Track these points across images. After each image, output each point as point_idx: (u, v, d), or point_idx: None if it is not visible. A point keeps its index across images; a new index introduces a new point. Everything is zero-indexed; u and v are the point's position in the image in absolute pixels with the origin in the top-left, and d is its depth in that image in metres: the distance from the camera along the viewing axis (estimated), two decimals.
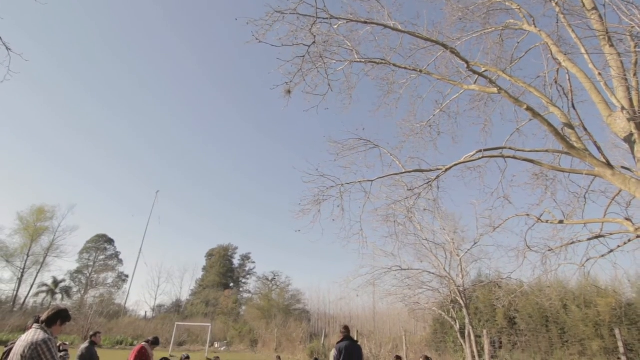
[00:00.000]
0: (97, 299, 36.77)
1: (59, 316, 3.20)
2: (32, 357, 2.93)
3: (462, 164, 7.43)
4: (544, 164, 7.03)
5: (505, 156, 7.06)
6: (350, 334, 6.41)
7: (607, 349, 13.05)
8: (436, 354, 15.76)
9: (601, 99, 6.28)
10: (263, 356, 20.42)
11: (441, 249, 15.04)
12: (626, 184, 5.71)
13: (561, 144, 6.24)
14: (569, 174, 7.84)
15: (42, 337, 3.00)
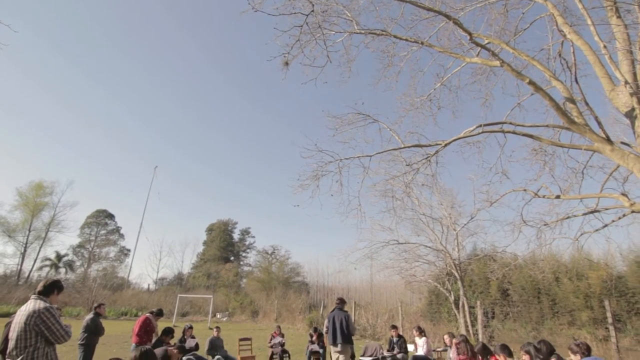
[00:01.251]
0: (100, 273, 37.50)
1: (55, 286, 3.28)
2: (36, 325, 3.00)
3: (462, 139, 7.39)
4: (544, 139, 7.00)
5: (505, 131, 7.01)
6: (341, 304, 6.75)
7: (596, 319, 13.53)
8: (431, 324, 16.32)
9: (604, 73, 6.17)
10: (264, 326, 21.13)
11: (438, 223, 15.27)
12: (624, 159, 5.71)
13: (562, 119, 6.18)
14: (568, 149, 7.84)
15: (44, 306, 3.08)
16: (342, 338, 6.30)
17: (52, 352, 3.17)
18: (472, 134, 7.10)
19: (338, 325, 6.36)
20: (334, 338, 6.36)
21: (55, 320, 3.09)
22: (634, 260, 14.89)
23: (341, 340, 6.30)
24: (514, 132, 6.88)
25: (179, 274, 45.09)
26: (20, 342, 3.02)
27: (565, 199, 7.64)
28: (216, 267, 43.14)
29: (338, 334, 6.32)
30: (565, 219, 7.85)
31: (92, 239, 43.77)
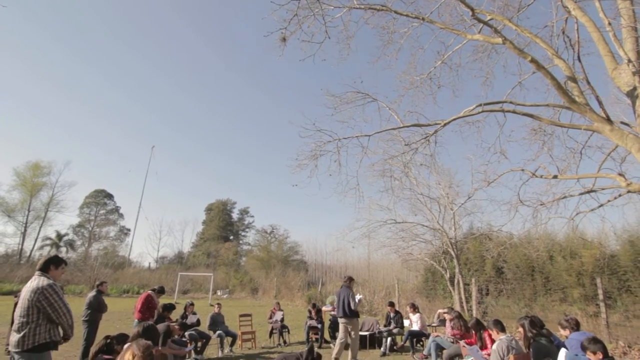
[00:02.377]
0: (101, 252, 37.96)
1: (50, 262, 3.31)
2: (39, 301, 3.05)
3: (461, 119, 7.34)
4: (544, 118, 6.96)
5: (505, 110, 6.96)
6: (348, 282, 7.18)
7: (587, 296, 13.87)
8: (426, 300, 16.71)
9: (608, 51, 6.07)
10: (263, 302, 21.63)
11: (436, 203, 15.38)
12: (623, 139, 5.70)
13: (563, 98, 6.12)
14: (567, 129, 7.80)
15: (47, 283, 3.12)
16: (344, 312, 6.77)
17: (54, 328, 3.20)
18: (471, 114, 7.05)
19: (342, 301, 6.86)
20: (338, 312, 6.93)
21: (57, 298, 3.12)
22: (627, 240, 15.12)
23: (341, 314, 6.79)
24: (514, 111, 6.83)
25: (179, 253, 45.72)
26: (23, 317, 3.07)
27: (563, 179, 7.68)
28: (216, 246, 43.69)
29: (341, 309, 6.82)
30: (561, 199, 7.92)
31: (91, 219, 44.06)
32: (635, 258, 14.37)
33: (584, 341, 3.37)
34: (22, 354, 3.02)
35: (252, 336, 8.58)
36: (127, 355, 1.82)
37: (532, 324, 4.23)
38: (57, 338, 3.23)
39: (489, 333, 5.20)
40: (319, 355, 3.39)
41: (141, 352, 1.83)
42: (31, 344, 3.01)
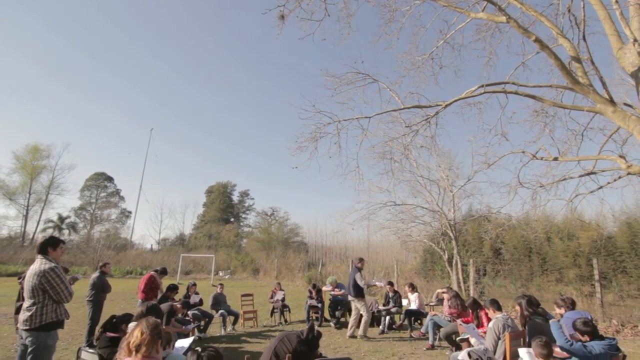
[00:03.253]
0: (103, 234, 38.32)
1: (48, 244, 3.38)
2: (41, 284, 3.15)
3: (463, 100, 7.26)
4: (546, 100, 6.88)
5: (507, 91, 6.88)
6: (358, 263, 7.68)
7: (583, 276, 14.10)
8: (424, 281, 17.01)
9: (614, 30, 5.94)
10: (264, 283, 22.01)
11: (435, 185, 15.42)
12: (626, 121, 5.66)
13: (566, 79, 6.04)
14: (569, 110, 7.74)
15: (49, 266, 3.20)
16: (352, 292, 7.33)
17: (60, 307, 3.33)
18: (473, 95, 6.97)
19: (349, 281, 7.45)
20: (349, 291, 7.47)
21: (60, 280, 3.22)
22: (624, 222, 15.26)
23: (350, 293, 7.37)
24: (516, 92, 6.75)
25: (180, 235, 46.17)
26: (30, 299, 3.21)
27: (563, 160, 7.68)
28: (217, 228, 44.07)
29: (351, 288, 7.39)
30: (561, 181, 7.94)
31: (92, 201, 44.27)
32: (632, 240, 14.54)
33: (576, 321, 3.46)
34: (30, 332, 3.15)
35: (254, 315, 8.78)
36: (135, 332, 1.87)
37: (529, 303, 4.32)
38: (63, 317, 3.35)
39: (485, 312, 5.31)
40: (319, 333, 3.47)
41: (149, 330, 1.88)
42: (38, 323, 3.15)
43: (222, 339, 7.19)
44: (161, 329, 1.98)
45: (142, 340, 1.82)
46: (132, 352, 1.80)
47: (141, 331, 1.86)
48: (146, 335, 1.84)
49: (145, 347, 1.81)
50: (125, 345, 1.84)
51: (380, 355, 6.09)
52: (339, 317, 8.70)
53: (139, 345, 1.80)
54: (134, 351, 1.80)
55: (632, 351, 6.29)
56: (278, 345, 3.21)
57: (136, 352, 1.79)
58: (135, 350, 1.80)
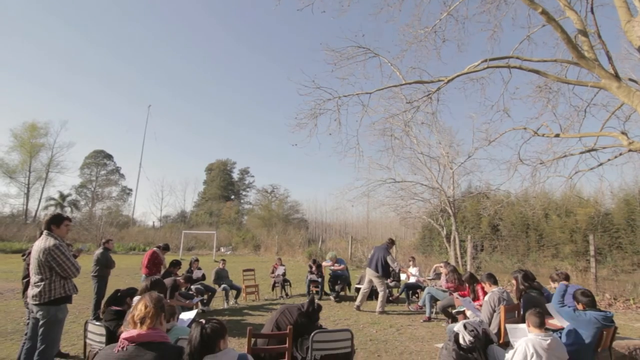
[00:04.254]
0: (105, 211, 38.63)
1: (52, 222, 3.42)
2: (47, 261, 3.22)
3: (465, 75, 7.12)
4: (550, 75, 6.75)
5: (511, 66, 6.73)
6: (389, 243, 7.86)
7: (578, 252, 14.34)
8: (422, 256, 17.30)
9: (623, 2, 5.74)
10: (265, 258, 22.42)
11: (435, 162, 15.39)
12: (630, 97, 5.58)
13: (572, 53, 5.90)
14: (573, 86, 7.61)
15: (53, 243, 3.26)
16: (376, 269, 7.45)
17: (68, 283, 3.40)
18: (476, 69, 6.83)
19: (377, 259, 7.51)
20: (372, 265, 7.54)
21: (65, 257, 3.28)
22: (623, 199, 15.34)
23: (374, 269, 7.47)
24: (520, 67, 6.61)
25: (182, 212, 46.59)
26: (37, 275, 3.28)
27: (565, 137, 7.63)
28: (217, 206, 44.42)
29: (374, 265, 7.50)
30: (561, 158, 7.92)
31: (93, 179, 44.38)
32: (629, 216, 14.68)
33: (576, 291, 3.57)
34: (40, 306, 3.25)
35: (256, 289, 8.99)
36: (139, 305, 1.92)
37: (525, 277, 4.42)
38: (71, 292, 3.44)
39: (481, 286, 5.44)
40: (319, 306, 3.57)
41: (153, 303, 1.93)
42: (47, 298, 3.24)
43: (225, 312, 7.40)
44: (164, 303, 2.04)
45: (146, 313, 1.87)
46: (137, 324, 1.85)
47: (145, 304, 1.91)
48: (150, 309, 1.89)
49: (150, 319, 1.87)
50: (130, 318, 1.89)
51: (378, 327, 6.29)
52: (338, 291, 8.91)
53: (144, 318, 1.86)
54: (138, 323, 1.85)
55: (622, 323, 6.49)
56: (280, 317, 3.31)
57: (141, 325, 1.85)
58: (140, 323, 1.85)
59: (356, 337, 4.78)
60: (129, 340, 1.80)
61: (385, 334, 5.91)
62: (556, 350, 3.06)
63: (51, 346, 3.25)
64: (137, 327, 1.86)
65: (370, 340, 5.51)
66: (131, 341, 1.80)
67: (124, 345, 1.79)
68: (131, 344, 1.79)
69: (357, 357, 4.43)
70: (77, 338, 5.17)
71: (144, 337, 1.82)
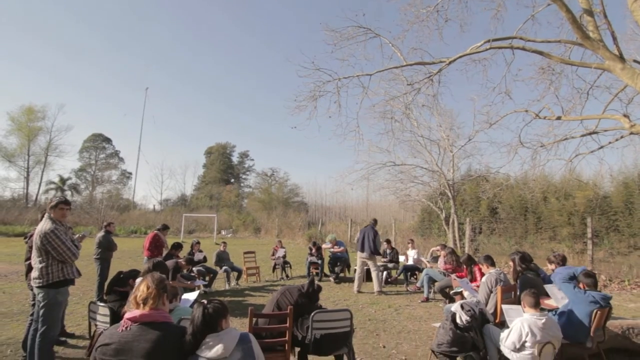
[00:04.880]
0: (105, 195, 38.74)
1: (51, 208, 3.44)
2: (43, 244, 3.26)
3: (467, 56, 7.01)
4: (554, 56, 6.64)
5: (514, 47, 6.62)
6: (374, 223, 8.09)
7: (576, 234, 14.49)
8: (421, 239, 17.47)
9: None
10: (266, 241, 22.64)
11: (436, 145, 15.33)
12: (633, 78, 5.51)
13: (576, 33, 5.79)
14: (576, 68, 7.50)
15: (49, 227, 3.28)
16: (369, 249, 7.58)
17: (67, 266, 3.41)
18: (478, 50, 6.72)
19: (367, 240, 7.65)
20: (362, 247, 7.67)
21: (60, 242, 3.27)
22: (622, 182, 15.38)
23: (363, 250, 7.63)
24: (523, 48, 6.50)
25: (182, 195, 46.70)
26: (37, 257, 3.32)
27: (566, 119, 7.57)
28: (217, 189, 44.50)
29: (366, 245, 7.62)
30: (562, 141, 7.89)
31: (92, 163, 44.29)
32: (627, 199, 14.75)
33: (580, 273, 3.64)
34: (40, 289, 3.30)
35: (257, 271, 9.13)
36: (141, 286, 1.95)
37: (523, 259, 4.47)
38: (70, 276, 3.45)
39: (479, 267, 5.52)
40: (319, 286, 3.63)
41: (155, 284, 1.95)
42: (46, 282, 3.28)
43: (227, 293, 7.53)
44: (166, 283, 2.06)
45: (148, 294, 1.90)
46: (139, 305, 1.88)
47: (147, 285, 1.94)
48: (152, 289, 1.92)
49: (152, 300, 1.89)
50: (133, 299, 1.92)
51: (377, 307, 6.42)
52: (338, 272, 9.05)
53: (146, 299, 1.89)
54: (141, 304, 1.88)
55: (617, 304, 6.61)
56: (280, 297, 3.37)
57: (144, 305, 1.88)
58: (143, 303, 1.88)
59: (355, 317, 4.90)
60: (132, 320, 1.84)
61: (384, 313, 6.03)
62: (551, 330, 3.13)
63: (52, 327, 3.30)
64: (140, 307, 1.89)
65: (369, 320, 5.64)
66: (134, 321, 1.83)
67: (127, 325, 1.83)
68: (134, 324, 1.83)
69: (356, 336, 4.54)
70: (81, 319, 5.28)
71: (147, 317, 1.85)
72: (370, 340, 4.69)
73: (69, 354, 4.07)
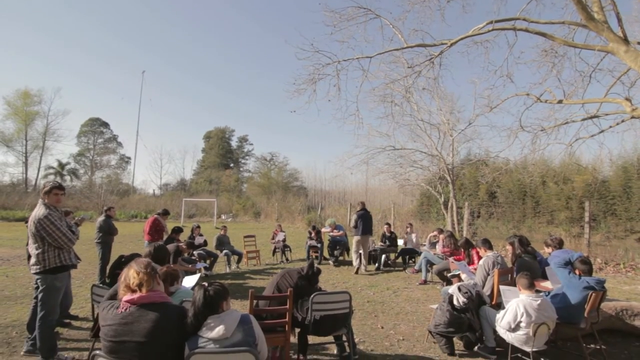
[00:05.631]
0: (105, 179, 38.73)
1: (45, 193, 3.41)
2: (37, 231, 3.25)
3: (469, 38, 6.88)
4: (557, 38, 6.53)
5: (517, 28, 6.50)
6: (365, 207, 8.39)
7: (573, 218, 14.61)
8: (420, 222, 17.60)
9: None
10: (266, 225, 22.79)
11: (436, 129, 15.25)
12: (637, 61, 5.43)
13: (580, 14, 5.67)
14: (580, 50, 7.38)
15: (43, 213, 3.26)
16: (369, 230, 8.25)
17: (64, 252, 3.39)
18: (481, 32, 6.60)
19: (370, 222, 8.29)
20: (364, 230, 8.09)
21: (54, 228, 3.24)
22: (621, 166, 15.40)
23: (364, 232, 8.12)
24: (526, 29, 6.37)
25: (181, 180, 46.73)
26: (33, 244, 3.31)
27: (568, 103, 7.50)
28: (217, 174, 44.47)
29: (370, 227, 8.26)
30: (563, 124, 7.84)
31: (90, 147, 44.06)
32: (625, 184, 14.80)
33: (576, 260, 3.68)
34: (38, 275, 3.33)
35: (257, 254, 9.22)
36: (131, 273, 1.97)
37: (521, 242, 4.52)
38: (68, 262, 3.43)
39: (476, 251, 5.58)
40: (319, 269, 3.68)
41: (143, 269, 1.98)
42: (42, 268, 3.29)
43: (227, 276, 7.63)
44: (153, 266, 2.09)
45: (140, 279, 1.94)
46: (135, 290, 1.91)
47: (136, 272, 1.96)
48: (142, 274, 1.95)
49: (146, 283, 1.94)
50: (125, 287, 1.94)
51: (375, 290, 6.53)
52: (337, 256, 9.15)
53: (140, 284, 1.92)
54: (137, 290, 1.91)
55: (611, 286, 6.73)
56: (280, 280, 3.41)
57: (139, 290, 1.91)
58: (138, 289, 1.91)
59: (354, 299, 4.98)
60: (130, 303, 1.87)
61: (382, 296, 6.13)
62: (545, 311, 3.20)
63: (50, 312, 3.32)
64: (138, 292, 1.92)
65: (368, 301, 5.74)
66: (133, 303, 1.87)
67: (125, 307, 1.86)
68: (133, 306, 1.86)
69: (355, 317, 4.63)
70: (84, 301, 5.36)
71: (145, 299, 1.89)
72: (368, 321, 4.79)
73: (73, 335, 4.15)
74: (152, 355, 1.77)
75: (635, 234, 13.53)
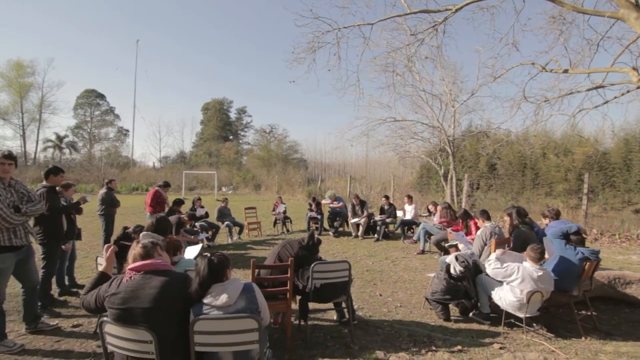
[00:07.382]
0: (104, 152, 38.62)
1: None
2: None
3: (475, 3, 6.62)
4: (566, 3, 6.28)
5: None
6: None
7: (571, 190, 14.69)
8: (419, 194, 17.71)
9: None
10: (266, 197, 22.97)
11: (437, 100, 14.99)
12: None
13: None
14: (588, 17, 7.11)
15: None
16: None
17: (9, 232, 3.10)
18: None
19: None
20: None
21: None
22: (622, 138, 15.30)
23: None
24: None
25: (181, 153, 46.60)
26: None
27: (573, 73, 7.33)
28: (216, 146, 44.28)
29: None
30: (567, 95, 7.70)
31: (88, 120, 43.55)
32: (626, 155, 14.77)
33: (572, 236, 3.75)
34: None
35: (258, 226, 9.35)
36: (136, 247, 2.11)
37: (519, 213, 4.57)
38: (7, 243, 3.07)
39: (474, 221, 5.65)
40: (319, 240, 3.74)
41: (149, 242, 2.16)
42: None
43: (229, 247, 7.78)
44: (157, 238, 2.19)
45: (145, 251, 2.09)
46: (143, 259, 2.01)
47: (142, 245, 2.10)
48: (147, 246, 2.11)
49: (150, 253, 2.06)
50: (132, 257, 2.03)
51: (374, 259, 6.68)
52: (337, 227, 9.28)
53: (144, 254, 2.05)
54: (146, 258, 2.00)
55: (605, 256, 6.87)
56: (281, 250, 3.49)
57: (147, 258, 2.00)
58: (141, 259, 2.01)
59: (354, 268, 5.11)
60: (135, 270, 1.93)
61: (380, 265, 6.29)
62: (543, 282, 3.32)
63: None
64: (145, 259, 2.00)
65: (367, 270, 5.89)
66: (137, 271, 1.93)
67: (131, 274, 1.92)
68: (138, 274, 1.92)
69: (354, 285, 4.77)
70: (90, 271, 5.50)
71: (149, 266, 1.95)
72: (367, 289, 4.93)
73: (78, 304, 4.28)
74: (158, 320, 1.84)
75: (633, 206, 13.66)
